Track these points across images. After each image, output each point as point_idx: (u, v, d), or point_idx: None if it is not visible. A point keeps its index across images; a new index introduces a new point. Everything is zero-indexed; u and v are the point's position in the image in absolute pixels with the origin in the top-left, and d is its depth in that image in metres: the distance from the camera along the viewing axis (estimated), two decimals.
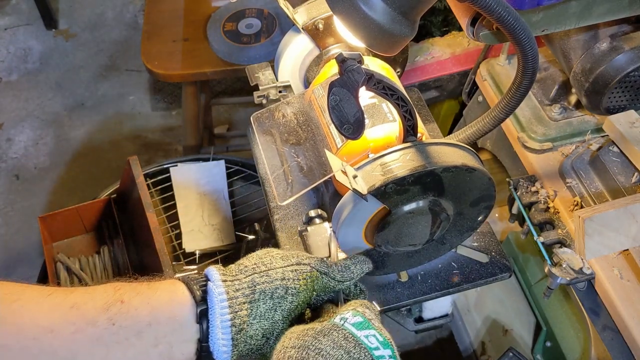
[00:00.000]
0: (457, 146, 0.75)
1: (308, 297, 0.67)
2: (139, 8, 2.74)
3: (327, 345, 0.58)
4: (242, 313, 0.63)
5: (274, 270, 0.66)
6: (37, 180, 2.17)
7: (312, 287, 0.67)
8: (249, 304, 0.64)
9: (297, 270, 0.67)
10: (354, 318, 0.61)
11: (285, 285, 0.65)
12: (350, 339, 0.59)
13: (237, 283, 0.64)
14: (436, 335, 1.87)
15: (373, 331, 0.60)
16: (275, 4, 1.08)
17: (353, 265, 0.71)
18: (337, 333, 0.59)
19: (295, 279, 0.66)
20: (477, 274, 0.88)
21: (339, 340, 0.59)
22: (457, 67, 1.36)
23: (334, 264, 0.70)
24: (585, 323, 1.10)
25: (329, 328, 0.60)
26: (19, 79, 2.52)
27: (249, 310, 0.63)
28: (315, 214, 0.80)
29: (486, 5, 0.66)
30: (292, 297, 0.66)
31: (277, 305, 0.65)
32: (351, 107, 0.68)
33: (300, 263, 0.67)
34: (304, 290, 0.66)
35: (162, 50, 1.68)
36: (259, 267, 0.66)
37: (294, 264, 0.67)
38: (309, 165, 0.85)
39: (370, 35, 0.74)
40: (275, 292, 0.65)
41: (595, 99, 0.97)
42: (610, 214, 0.85)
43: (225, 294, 0.63)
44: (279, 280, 0.65)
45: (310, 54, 0.97)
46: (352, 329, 0.60)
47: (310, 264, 0.68)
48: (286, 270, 0.66)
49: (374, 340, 0.60)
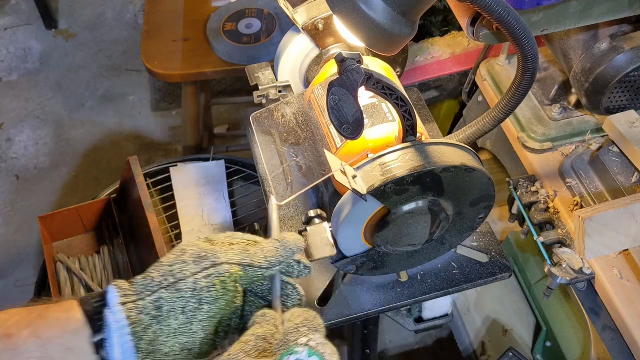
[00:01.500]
0: (457, 146, 0.75)
1: (231, 298, 0.62)
2: (139, 8, 2.74)
3: None
4: (149, 335, 0.58)
5: (184, 281, 0.59)
6: (37, 180, 2.17)
7: (234, 287, 0.62)
8: (157, 325, 0.58)
9: (212, 275, 0.60)
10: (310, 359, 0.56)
11: (198, 296, 0.59)
12: None
13: (140, 304, 0.58)
14: (436, 335, 1.87)
15: None
16: (275, 4, 1.08)
17: (281, 246, 0.64)
18: None
19: (210, 286, 0.60)
20: (477, 274, 0.87)
21: None
22: (457, 67, 1.36)
23: (261, 247, 0.64)
24: (585, 323, 1.10)
25: None
26: (19, 79, 2.52)
27: (159, 330, 0.58)
28: (314, 214, 0.79)
29: (486, 5, 0.65)
30: (209, 305, 0.60)
31: (193, 319, 0.60)
32: (350, 107, 0.68)
33: (215, 265, 0.60)
34: (222, 295, 0.61)
35: (162, 50, 1.68)
36: (167, 280, 0.59)
37: (208, 267, 0.60)
38: (308, 165, 0.85)
39: (370, 35, 0.74)
40: (187, 305, 0.59)
41: (595, 99, 0.97)
42: (610, 214, 0.85)
43: (125, 320, 0.56)
44: (189, 292, 0.59)
45: (310, 54, 0.97)
46: None
47: (229, 261, 0.61)
48: (198, 278, 0.59)
49: None
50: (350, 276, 0.87)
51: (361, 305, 0.85)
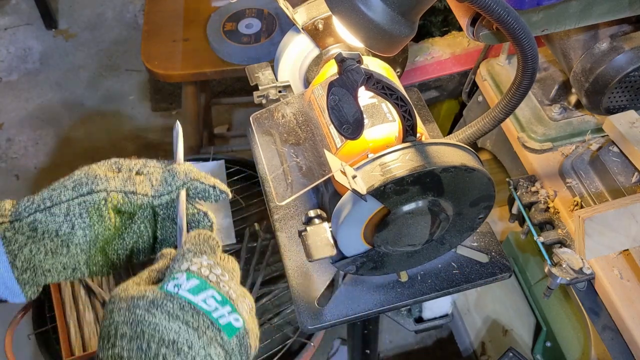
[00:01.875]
0: (457, 146, 0.75)
1: (111, 224, 0.64)
2: (139, 8, 2.74)
3: (162, 319, 0.53)
4: (25, 253, 0.61)
5: (58, 206, 0.62)
6: (37, 180, 2.17)
7: (116, 212, 0.64)
8: (33, 244, 0.61)
9: (86, 202, 0.62)
10: (189, 282, 0.56)
11: (71, 222, 0.62)
12: (187, 307, 0.54)
13: (16, 225, 0.61)
14: (436, 335, 1.87)
15: (211, 291, 0.56)
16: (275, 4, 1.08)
17: (171, 175, 0.66)
18: (171, 304, 0.54)
19: (83, 212, 0.62)
20: (477, 274, 0.87)
21: (175, 311, 0.54)
22: (457, 67, 1.36)
23: (150, 177, 0.66)
24: (585, 323, 1.10)
25: (162, 298, 0.54)
26: (19, 79, 2.53)
27: (35, 249, 0.61)
28: (314, 214, 0.79)
29: (486, 5, 0.65)
30: (83, 230, 0.62)
31: (68, 241, 0.62)
32: (350, 107, 0.68)
33: (92, 192, 0.63)
34: (98, 221, 0.63)
35: (162, 50, 1.68)
36: (44, 203, 0.62)
37: (84, 194, 0.62)
38: (308, 165, 0.85)
39: (370, 35, 0.74)
40: (61, 229, 0.62)
41: (595, 99, 0.97)
42: (610, 214, 0.85)
43: (0, 238, 0.60)
44: (62, 217, 0.62)
45: (310, 54, 0.97)
46: (187, 295, 0.55)
47: (107, 189, 0.63)
48: (72, 204, 0.62)
49: (213, 301, 0.56)
50: (350, 276, 0.87)
51: (361, 305, 0.85)
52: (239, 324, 0.56)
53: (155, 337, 0.52)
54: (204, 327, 0.54)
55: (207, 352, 0.53)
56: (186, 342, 0.53)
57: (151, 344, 0.52)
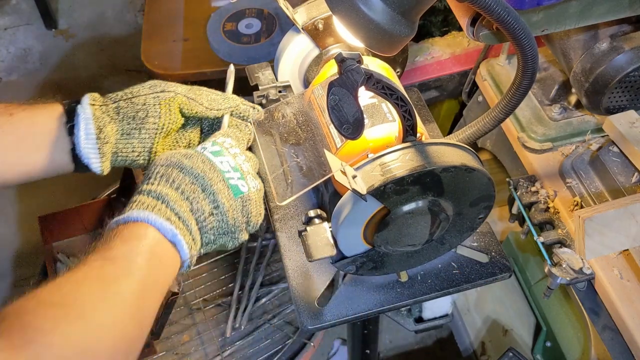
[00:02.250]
0: (457, 146, 0.75)
1: (174, 119, 0.82)
2: (139, 8, 2.74)
3: (187, 164, 0.73)
4: (107, 129, 0.78)
5: (138, 97, 0.81)
6: (37, 180, 2.17)
7: (178, 111, 0.82)
8: (113, 124, 0.79)
9: (159, 97, 0.81)
10: (212, 147, 0.77)
11: (146, 109, 0.80)
12: (207, 162, 0.74)
13: (103, 107, 0.80)
14: (436, 335, 1.87)
15: (227, 158, 0.76)
16: (275, 4, 1.08)
17: (223, 100, 0.86)
18: (197, 157, 0.74)
19: (156, 104, 0.80)
20: (477, 274, 0.87)
21: (198, 162, 0.74)
22: (457, 67, 1.36)
23: (208, 95, 0.86)
24: (585, 323, 1.10)
25: (192, 154, 0.75)
26: (19, 79, 2.52)
27: (115, 128, 0.79)
28: (314, 214, 0.79)
29: (486, 5, 0.65)
30: (153, 119, 0.80)
31: (140, 126, 0.80)
32: (350, 107, 0.68)
33: (164, 90, 0.82)
34: (165, 113, 0.81)
35: (162, 50, 1.68)
36: (126, 95, 0.81)
37: (157, 92, 0.81)
38: (308, 165, 0.85)
39: (370, 35, 0.74)
40: (137, 114, 0.80)
41: (595, 99, 0.97)
42: (610, 214, 0.85)
43: (90, 114, 0.78)
44: (140, 105, 0.80)
45: (310, 54, 0.97)
46: (209, 155, 0.75)
47: (175, 91, 0.82)
48: (148, 97, 0.81)
49: (227, 165, 0.75)
50: (350, 276, 0.87)
51: (361, 305, 0.85)
52: (244, 190, 0.76)
53: (183, 170, 0.72)
54: (217, 179, 0.73)
55: (218, 190, 0.73)
56: (205, 181, 0.72)
57: (180, 178, 0.72)
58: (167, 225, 0.68)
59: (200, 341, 1.46)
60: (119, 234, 0.67)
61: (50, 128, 0.78)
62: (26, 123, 0.77)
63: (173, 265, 0.69)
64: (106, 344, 0.57)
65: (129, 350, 0.60)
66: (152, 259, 0.65)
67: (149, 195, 0.70)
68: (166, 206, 0.69)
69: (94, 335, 0.56)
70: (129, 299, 0.61)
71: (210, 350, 1.44)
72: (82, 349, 0.55)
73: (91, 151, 0.78)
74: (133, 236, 0.67)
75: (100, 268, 0.63)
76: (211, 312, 1.50)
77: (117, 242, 0.66)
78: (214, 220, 0.73)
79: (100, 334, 0.57)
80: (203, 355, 1.43)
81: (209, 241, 0.75)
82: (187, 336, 1.47)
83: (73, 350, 0.54)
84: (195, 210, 0.72)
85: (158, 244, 0.67)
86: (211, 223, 0.73)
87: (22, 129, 0.77)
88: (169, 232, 0.68)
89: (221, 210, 0.73)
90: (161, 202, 0.69)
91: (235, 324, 1.46)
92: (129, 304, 0.61)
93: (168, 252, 0.68)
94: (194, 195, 0.72)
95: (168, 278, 0.68)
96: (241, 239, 0.78)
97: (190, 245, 0.70)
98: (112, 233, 0.67)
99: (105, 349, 0.57)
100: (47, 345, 0.53)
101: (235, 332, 1.45)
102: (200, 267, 1.56)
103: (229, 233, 0.76)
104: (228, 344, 1.44)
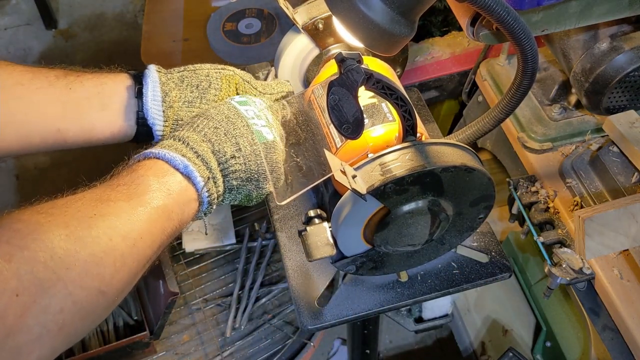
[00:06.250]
0: (457, 146, 0.75)
1: (231, 95, 0.85)
2: (139, 8, 2.74)
3: (213, 112, 0.77)
4: (172, 95, 0.83)
5: (201, 69, 0.86)
6: (37, 180, 2.17)
7: (235, 88, 0.87)
8: (178, 90, 0.84)
9: (221, 72, 0.86)
10: (239, 98, 0.81)
11: (209, 80, 0.85)
12: (232, 109, 0.78)
13: (169, 75, 0.85)
14: (436, 335, 1.87)
15: (252, 107, 0.79)
16: (275, 4, 1.08)
17: (275, 84, 0.90)
18: (223, 105, 0.78)
19: (218, 77, 0.85)
20: (477, 274, 0.87)
21: (223, 109, 0.77)
22: (457, 67, 1.36)
23: (261, 81, 0.90)
24: (585, 323, 1.10)
25: (220, 104, 0.79)
26: None
27: (178, 94, 0.84)
28: (314, 213, 0.80)
29: (486, 5, 0.65)
30: (215, 90, 0.85)
31: (202, 95, 0.84)
32: (350, 107, 0.68)
33: (225, 68, 0.87)
34: (225, 87, 0.85)
35: (162, 50, 1.68)
36: (189, 67, 0.86)
37: (219, 68, 0.87)
38: (308, 165, 0.85)
39: (370, 35, 0.74)
40: (200, 84, 0.84)
41: (595, 99, 0.97)
42: (610, 214, 0.85)
43: (157, 79, 0.83)
44: (203, 76, 0.85)
45: (310, 54, 0.97)
46: (235, 104, 0.79)
47: (235, 71, 0.87)
48: (211, 70, 0.86)
49: (252, 113, 0.78)
50: (350, 276, 0.87)
51: (361, 305, 0.85)
52: (269, 137, 0.78)
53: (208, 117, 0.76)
54: (240, 124, 0.76)
55: (240, 133, 0.75)
56: (228, 125, 0.75)
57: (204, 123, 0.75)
58: (178, 157, 0.70)
59: (200, 341, 1.46)
60: (128, 167, 0.70)
61: (119, 89, 0.82)
62: (94, 83, 0.81)
63: (187, 197, 0.70)
64: (84, 255, 0.57)
65: (118, 265, 0.60)
66: (159, 188, 0.68)
67: (170, 138, 0.74)
68: (185, 146, 0.72)
69: (73, 245, 0.57)
70: (123, 217, 0.62)
71: (210, 350, 1.44)
72: (59, 255, 0.55)
73: (157, 113, 0.82)
74: (140, 167, 0.70)
75: (99, 191, 0.66)
76: (211, 312, 1.50)
77: (124, 173, 0.69)
78: (236, 163, 0.74)
79: (80, 244, 0.57)
80: (203, 355, 1.43)
81: (232, 187, 0.76)
82: (187, 336, 1.47)
83: (49, 254, 0.55)
84: (217, 152, 0.74)
85: (167, 174, 0.69)
86: (233, 166, 0.74)
87: (91, 88, 0.80)
88: (180, 164, 0.70)
89: (243, 154, 0.75)
90: (180, 143, 0.72)
91: (235, 324, 1.46)
92: (122, 222, 0.62)
93: (180, 184, 0.70)
94: (216, 137, 0.74)
95: (182, 209, 0.70)
96: (265, 189, 0.78)
97: (207, 180, 0.71)
98: (123, 167, 0.71)
99: (84, 259, 0.57)
100: (20, 247, 0.54)
101: (235, 332, 1.46)
102: (200, 267, 1.57)
103: (252, 180, 0.76)
104: (228, 343, 1.44)
